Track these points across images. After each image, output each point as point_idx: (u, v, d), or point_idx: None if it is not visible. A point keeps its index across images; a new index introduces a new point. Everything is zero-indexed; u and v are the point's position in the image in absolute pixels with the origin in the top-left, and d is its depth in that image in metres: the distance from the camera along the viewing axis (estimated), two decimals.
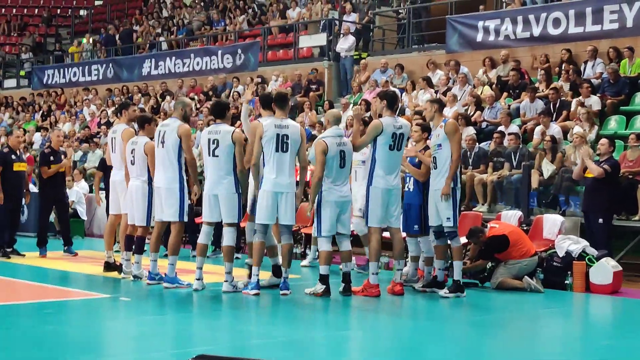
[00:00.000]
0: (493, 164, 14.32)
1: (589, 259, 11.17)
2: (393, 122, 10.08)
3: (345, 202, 10.05)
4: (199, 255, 10.19)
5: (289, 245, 10.09)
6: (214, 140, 9.99)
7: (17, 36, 36.30)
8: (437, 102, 10.67)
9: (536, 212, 13.30)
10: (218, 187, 10.01)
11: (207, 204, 10.12)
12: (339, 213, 10.01)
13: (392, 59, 20.49)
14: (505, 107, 16.03)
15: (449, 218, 10.10)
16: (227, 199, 10.00)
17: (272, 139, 9.81)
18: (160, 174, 10.31)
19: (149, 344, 7.33)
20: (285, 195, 9.85)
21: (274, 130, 9.82)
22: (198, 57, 25.51)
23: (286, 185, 9.84)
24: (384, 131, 9.98)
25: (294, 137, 9.88)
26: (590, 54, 16.26)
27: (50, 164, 13.75)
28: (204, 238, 10.24)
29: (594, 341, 8.42)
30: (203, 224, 10.29)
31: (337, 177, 9.99)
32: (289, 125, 9.92)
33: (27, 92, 30.87)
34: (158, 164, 10.34)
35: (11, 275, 11.82)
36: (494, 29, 18.42)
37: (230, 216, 10.05)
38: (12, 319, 8.58)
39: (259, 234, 10.02)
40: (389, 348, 7.66)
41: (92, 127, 24.09)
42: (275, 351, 7.14)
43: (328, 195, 9.95)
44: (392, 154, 10.04)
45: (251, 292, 9.85)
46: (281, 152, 9.83)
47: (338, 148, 10.00)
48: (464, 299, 10.11)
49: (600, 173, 11.89)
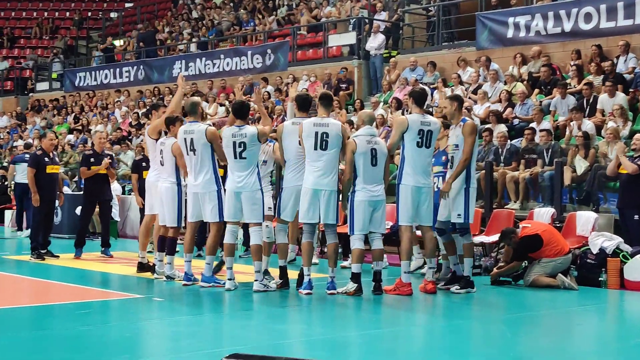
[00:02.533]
0: (525, 161, 14.24)
1: (623, 256, 11.06)
2: (420, 118, 10.05)
3: (378, 201, 10.01)
4: (228, 255, 10.23)
5: (334, 244, 10.08)
6: (240, 143, 10.01)
7: (49, 39, 36.64)
8: (457, 100, 10.63)
9: (569, 209, 13.20)
10: (243, 186, 10.04)
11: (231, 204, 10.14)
12: (372, 212, 9.99)
13: (421, 56, 20.42)
14: (537, 104, 15.93)
15: (459, 215, 10.15)
16: (250, 198, 10.03)
17: (311, 137, 9.84)
18: (193, 178, 10.34)
19: (183, 344, 7.36)
20: (326, 193, 9.87)
21: (313, 128, 9.85)
22: (228, 58, 25.59)
23: (326, 183, 9.86)
24: (410, 127, 9.96)
25: (335, 135, 9.88)
26: (623, 49, 16.11)
27: (90, 166, 13.86)
28: (230, 237, 10.26)
29: (628, 339, 8.34)
30: (227, 223, 10.30)
31: (369, 176, 9.96)
32: (329, 124, 9.94)
33: (59, 95, 31.17)
34: (190, 169, 10.38)
35: (46, 276, 11.93)
36: (524, 24, 18.28)
37: (256, 216, 10.09)
38: (47, 320, 8.67)
39: (306, 234, 10.05)
40: (422, 348, 7.64)
41: (123, 129, 24.27)
42: (309, 350, 7.14)
43: (359, 195, 9.93)
44: (420, 151, 10.00)
45: (303, 292, 9.88)
46: (321, 150, 9.84)
47: (369, 146, 9.97)
48: (498, 297, 10.06)
49: (634, 169, 11.76)
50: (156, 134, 11.17)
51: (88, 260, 13.39)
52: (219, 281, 10.37)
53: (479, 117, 16.19)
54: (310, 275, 9.99)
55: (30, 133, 26.78)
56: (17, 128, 29.07)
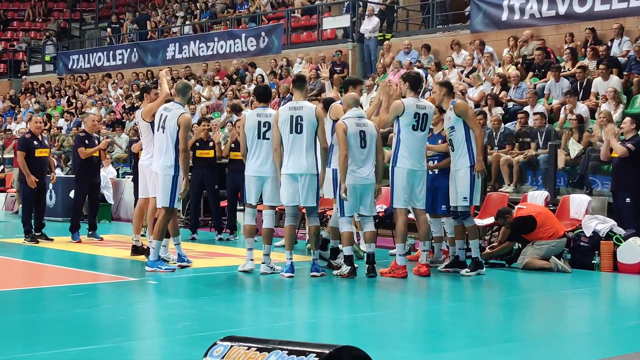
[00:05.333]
0: (519, 144, 14.25)
1: (616, 239, 11.09)
2: (415, 102, 10.08)
3: (367, 185, 10.02)
4: (248, 236, 10.22)
5: (315, 227, 10.11)
6: (265, 123, 10.04)
7: (42, 22, 36.47)
8: (445, 85, 10.69)
9: (563, 192, 13.22)
10: (265, 170, 10.06)
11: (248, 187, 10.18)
12: (361, 195, 10.00)
13: (416, 39, 20.39)
14: (531, 87, 15.92)
15: (465, 198, 10.19)
16: (271, 182, 10.08)
17: (287, 122, 9.85)
18: (157, 158, 10.34)
19: (178, 327, 7.37)
20: (305, 177, 9.89)
21: (288, 112, 9.87)
22: (222, 41, 25.51)
23: (304, 167, 9.87)
24: (405, 111, 9.98)
25: (309, 118, 9.90)
26: (617, 32, 16.09)
27: (86, 147, 13.81)
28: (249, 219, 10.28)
29: (622, 321, 8.37)
30: (245, 206, 10.32)
31: (358, 158, 9.96)
32: (303, 107, 9.94)
33: (53, 78, 31.06)
34: (156, 148, 10.39)
35: (39, 259, 11.93)
36: (519, 7, 18.25)
37: (272, 199, 10.12)
38: (42, 302, 8.68)
39: (288, 217, 10.10)
40: (415, 330, 7.67)
41: (117, 112, 24.20)
42: (301, 333, 7.16)
43: (348, 177, 9.91)
44: (415, 134, 10.02)
45: (285, 275, 9.92)
46: (295, 133, 9.86)
47: (358, 128, 9.97)
48: (491, 279, 10.09)
49: (623, 152, 11.78)
50: (150, 117, 11.13)
51: (82, 244, 13.37)
52: (163, 266, 10.34)
53: (474, 101, 16.18)
54: (292, 259, 10.02)
55: (23, 116, 26.74)
56: (11, 110, 28.97)
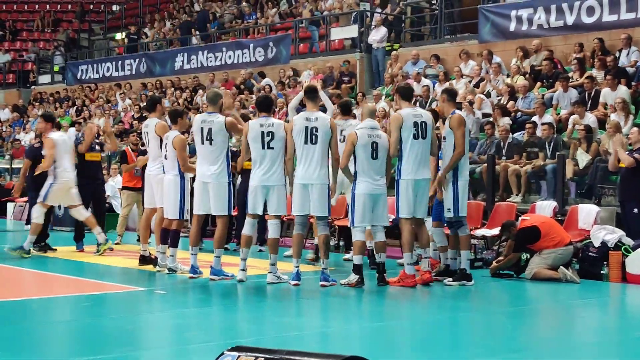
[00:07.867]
0: (527, 154, 14.23)
1: (625, 249, 11.06)
2: (412, 111, 10.15)
3: (379, 194, 10.05)
4: (244, 246, 10.25)
5: (325, 235, 10.12)
6: (268, 132, 10.05)
7: (51, 32, 36.62)
8: (446, 92, 10.72)
9: (571, 202, 13.19)
10: (270, 180, 10.08)
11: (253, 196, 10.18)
12: (373, 205, 10.02)
13: (423, 49, 20.41)
14: (539, 97, 15.91)
15: (449, 209, 10.22)
16: (277, 191, 10.09)
17: (302, 132, 9.88)
18: (205, 168, 10.32)
19: (186, 336, 7.37)
20: (317, 187, 9.91)
21: (303, 123, 9.89)
22: (230, 51, 25.57)
23: (315, 177, 9.89)
24: (405, 121, 10.02)
25: (324, 129, 9.92)
26: (625, 42, 16.09)
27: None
28: (249, 229, 10.30)
29: (630, 331, 8.34)
30: (248, 216, 10.32)
31: (369, 169, 10.00)
32: (318, 118, 9.97)
33: (61, 88, 31.15)
34: (203, 159, 10.38)
35: (47, 269, 11.95)
36: (527, 18, 18.26)
37: (277, 209, 10.13)
38: (50, 312, 8.68)
39: (297, 226, 10.14)
40: (424, 340, 7.64)
41: (125, 122, 24.25)
42: (309, 343, 7.15)
43: (360, 187, 9.97)
44: (417, 142, 10.04)
45: (291, 283, 9.94)
46: (310, 144, 9.89)
47: (370, 139, 10.01)
48: (499, 289, 10.06)
49: (630, 162, 11.75)
50: (164, 134, 11.11)
51: (89, 253, 13.38)
52: (227, 274, 10.38)
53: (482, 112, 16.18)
54: (299, 267, 10.05)
55: (32, 126, 26.80)
56: (20, 120, 29.05)
